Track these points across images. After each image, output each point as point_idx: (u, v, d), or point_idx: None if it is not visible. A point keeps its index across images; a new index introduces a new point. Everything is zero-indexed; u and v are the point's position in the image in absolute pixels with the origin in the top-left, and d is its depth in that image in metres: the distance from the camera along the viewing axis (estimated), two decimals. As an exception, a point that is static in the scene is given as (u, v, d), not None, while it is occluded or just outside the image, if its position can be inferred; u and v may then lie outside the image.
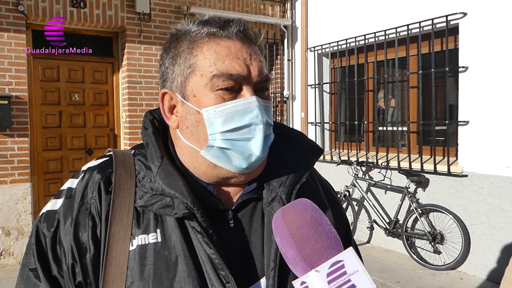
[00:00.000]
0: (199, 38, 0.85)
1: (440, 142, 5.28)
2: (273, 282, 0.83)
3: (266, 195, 0.90)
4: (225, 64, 0.83)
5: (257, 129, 0.84)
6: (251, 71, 0.85)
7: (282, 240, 0.74)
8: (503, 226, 4.46)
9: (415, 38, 5.26)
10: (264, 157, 0.87)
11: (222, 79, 0.82)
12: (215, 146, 0.84)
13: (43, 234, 0.88)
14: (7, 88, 5.09)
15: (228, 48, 0.84)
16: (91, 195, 0.87)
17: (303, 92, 6.89)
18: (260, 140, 0.84)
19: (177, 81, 0.87)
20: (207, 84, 0.83)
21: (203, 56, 0.84)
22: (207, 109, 0.83)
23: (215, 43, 0.84)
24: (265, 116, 0.85)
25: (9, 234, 5.13)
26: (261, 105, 0.85)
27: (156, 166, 0.87)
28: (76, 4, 5.42)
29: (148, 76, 5.93)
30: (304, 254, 0.71)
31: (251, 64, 0.85)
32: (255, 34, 0.89)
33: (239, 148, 0.84)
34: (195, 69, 0.85)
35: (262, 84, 0.87)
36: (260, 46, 0.91)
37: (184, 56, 0.86)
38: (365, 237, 5.99)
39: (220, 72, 0.82)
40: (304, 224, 0.73)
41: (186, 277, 0.81)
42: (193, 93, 0.85)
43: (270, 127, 0.88)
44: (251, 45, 0.87)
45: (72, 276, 0.84)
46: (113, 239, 0.83)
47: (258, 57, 0.87)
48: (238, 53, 0.84)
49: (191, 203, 0.81)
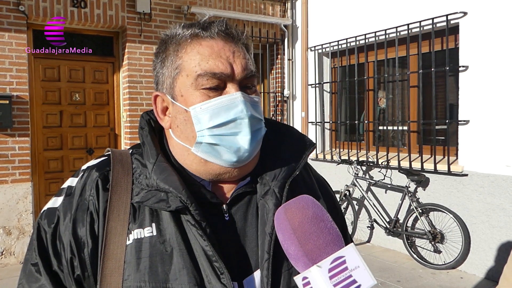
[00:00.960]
0: (184, 41, 0.89)
1: (440, 142, 5.29)
2: (267, 273, 0.85)
3: (260, 188, 0.93)
4: (209, 64, 0.86)
5: (242, 123, 0.86)
6: (235, 69, 0.87)
7: (285, 236, 0.75)
8: (503, 225, 4.46)
9: (416, 38, 5.26)
10: (253, 150, 0.90)
11: (206, 78, 0.86)
12: (204, 142, 0.87)
13: (44, 230, 0.91)
14: (8, 88, 5.10)
15: (211, 48, 0.87)
16: (89, 192, 0.90)
17: (303, 91, 6.90)
18: (248, 134, 0.86)
19: (167, 83, 0.92)
20: (192, 84, 0.87)
21: (187, 57, 0.88)
22: (194, 106, 0.87)
23: (198, 43, 0.88)
24: (250, 110, 0.87)
25: (10, 233, 5.14)
26: (247, 100, 0.88)
27: (151, 163, 0.90)
28: (77, 4, 5.44)
29: (148, 76, 5.94)
30: (306, 249, 0.72)
31: (234, 61, 0.88)
32: (238, 32, 0.92)
33: (227, 142, 0.86)
34: (181, 70, 0.89)
35: (247, 80, 0.90)
36: (245, 43, 0.93)
37: (171, 59, 0.91)
38: (365, 236, 6.00)
39: (204, 71, 0.86)
40: (306, 220, 0.74)
41: (181, 269, 0.83)
42: (181, 93, 0.89)
43: (260, 122, 0.91)
44: (234, 43, 0.90)
45: (71, 270, 0.87)
46: (111, 234, 0.86)
47: (241, 54, 0.90)
48: (221, 52, 0.87)
49: (184, 197, 0.84)
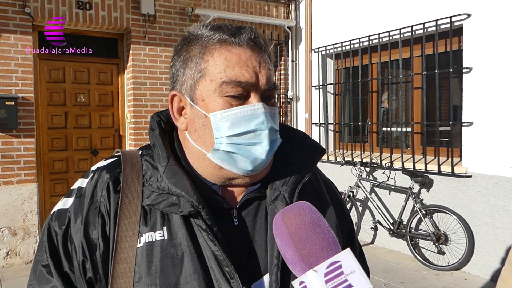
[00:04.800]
0: (211, 44, 0.87)
1: (444, 143, 5.28)
2: (276, 278, 0.85)
3: (270, 194, 0.93)
4: (235, 72, 0.84)
5: (262, 134, 0.86)
6: (260, 79, 0.86)
7: (282, 241, 0.76)
8: (507, 226, 4.45)
9: (419, 39, 5.26)
10: (269, 161, 0.89)
11: (231, 86, 0.84)
12: (221, 150, 0.86)
13: (54, 231, 0.91)
14: (13, 89, 5.13)
15: (238, 56, 0.86)
16: (100, 194, 0.90)
17: (307, 93, 6.91)
18: (266, 145, 0.86)
19: (187, 84, 0.89)
20: (216, 90, 0.85)
21: (213, 62, 0.86)
22: (215, 113, 0.85)
23: (226, 50, 0.86)
24: (270, 122, 0.87)
25: (16, 234, 5.17)
26: (267, 112, 0.87)
27: (162, 166, 0.89)
28: (82, 5, 5.47)
29: (153, 77, 5.96)
30: (303, 254, 0.73)
31: (260, 72, 0.87)
32: (265, 42, 0.90)
33: (245, 152, 0.86)
34: (205, 74, 0.86)
35: (269, 92, 0.89)
36: (270, 54, 0.92)
37: (195, 61, 0.88)
38: (369, 237, 6.00)
39: (229, 79, 0.84)
40: (302, 226, 0.75)
41: (191, 273, 0.83)
42: (202, 97, 0.87)
43: (276, 133, 0.90)
44: (261, 53, 0.89)
45: (83, 272, 0.88)
46: (122, 237, 0.86)
47: (267, 65, 0.89)
48: (248, 61, 0.86)
49: (196, 201, 0.84)
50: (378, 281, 4.64)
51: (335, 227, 0.98)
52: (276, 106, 0.93)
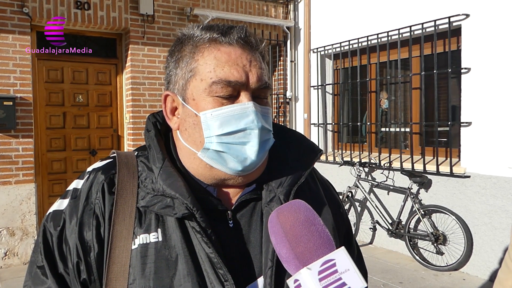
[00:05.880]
0: (201, 43, 0.87)
1: (443, 143, 5.28)
2: (270, 281, 0.85)
3: (265, 195, 0.92)
4: (224, 71, 0.84)
5: (252, 133, 0.85)
6: (250, 78, 0.86)
7: (277, 239, 0.76)
8: (505, 227, 4.46)
9: (418, 40, 5.26)
10: (259, 161, 0.89)
11: (220, 86, 0.84)
12: (211, 149, 0.86)
13: (49, 233, 0.90)
14: (12, 90, 5.13)
15: (228, 54, 0.86)
16: (95, 195, 0.90)
17: (306, 93, 6.91)
18: (256, 145, 0.85)
19: (179, 84, 0.90)
20: (206, 89, 0.85)
21: (203, 61, 0.86)
22: (205, 112, 0.85)
23: (216, 48, 0.86)
24: (261, 121, 0.86)
25: (14, 234, 5.16)
26: (258, 111, 0.86)
27: (157, 167, 0.89)
28: (80, 5, 5.46)
29: (151, 78, 5.96)
30: (297, 252, 0.73)
31: (250, 70, 0.86)
32: (257, 40, 0.89)
33: (234, 151, 0.86)
34: (195, 73, 0.87)
35: (261, 91, 0.88)
36: (262, 52, 0.91)
37: (186, 60, 0.88)
38: (367, 238, 6.00)
39: (219, 79, 0.84)
40: (297, 224, 0.75)
41: (185, 275, 0.83)
42: (193, 97, 0.87)
43: (269, 133, 0.90)
44: (251, 52, 0.88)
45: (77, 274, 0.87)
46: (116, 238, 0.85)
47: (258, 64, 0.88)
48: (238, 60, 0.86)
49: (190, 203, 0.84)
50: (376, 281, 4.64)
51: (332, 228, 0.97)
52: (268, 105, 0.92)
